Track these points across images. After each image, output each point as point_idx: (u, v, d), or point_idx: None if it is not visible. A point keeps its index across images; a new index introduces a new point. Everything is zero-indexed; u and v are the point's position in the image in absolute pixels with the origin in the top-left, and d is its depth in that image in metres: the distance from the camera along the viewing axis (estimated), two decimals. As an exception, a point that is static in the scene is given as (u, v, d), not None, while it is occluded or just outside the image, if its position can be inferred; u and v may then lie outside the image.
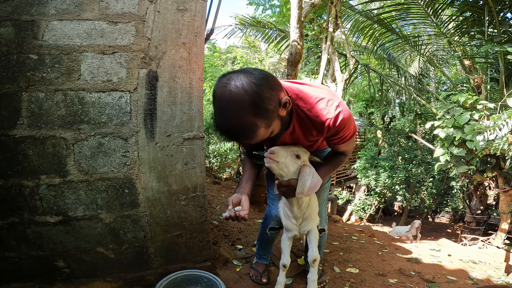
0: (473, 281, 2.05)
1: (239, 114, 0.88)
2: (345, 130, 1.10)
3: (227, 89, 0.88)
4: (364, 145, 7.32)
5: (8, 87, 1.21)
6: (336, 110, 1.05)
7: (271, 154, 1.18)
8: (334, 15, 4.00)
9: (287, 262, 1.49)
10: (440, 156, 3.31)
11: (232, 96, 0.87)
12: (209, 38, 2.18)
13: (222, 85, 0.89)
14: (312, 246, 1.45)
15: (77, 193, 1.32)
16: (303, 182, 1.19)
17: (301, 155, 1.24)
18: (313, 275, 1.47)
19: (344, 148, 1.23)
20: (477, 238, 4.10)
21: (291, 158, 1.21)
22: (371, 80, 5.69)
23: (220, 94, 0.89)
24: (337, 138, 1.13)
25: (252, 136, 0.93)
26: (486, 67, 4.84)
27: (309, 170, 1.22)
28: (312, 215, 1.42)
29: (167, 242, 1.48)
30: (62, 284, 1.40)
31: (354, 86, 8.88)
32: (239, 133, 0.91)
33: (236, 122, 0.88)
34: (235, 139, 0.95)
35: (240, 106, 0.87)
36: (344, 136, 1.13)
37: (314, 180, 1.20)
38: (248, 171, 1.31)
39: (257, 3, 7.12)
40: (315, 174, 1.22)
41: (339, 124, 1.06)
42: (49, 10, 1.24)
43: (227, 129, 0.90)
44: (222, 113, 0.89)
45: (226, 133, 0.92)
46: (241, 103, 0.87)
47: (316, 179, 1.21)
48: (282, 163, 1.19)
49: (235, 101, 0.87)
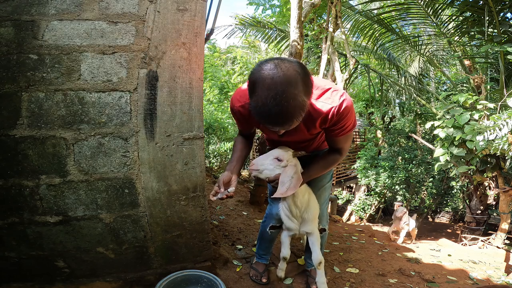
0: (473, 281, 2.05)
1: (296, 94, 0.88)
2: (347, 119, 1.13)
3: (279, 72, 0.87)
4: (364, 145, 7.32)
5: (8, 87, 1.21)
6: (341, 99, 1.09)
7: (252, 167, 1.27)
8: (334, 15, 3.99)
9: (287, 254, 1.54)
10: (440, 156, 3.31)
11: (288, 78, 0.87)
12: (209, 38, 2.18)
13: (271, 69, 0.88)
14: (315, 249, 1.46)
15: (77, 193, 1.32)
16: (282, 183, 1.23)
17: (282, 157, 1.26)
18: (321, 277, 1.49)
19: (342, 144, 1.26)
20: (477, 238, 4.09)
21: (271, 163, 1.26)
22: (371, 80, 5.69)
23: (272, 77, 0.87)
24: (338, 128, 1.15)
25: (301, 118, 0.94)
26: (486, 67, 4.84)
27: (290, 171, 1.25)
28: (311, 216, 1.43)
29: (167, 242, 1.48)
30: (62, 284, 1.40)
31: (354, 86, 8.87)
32: (294, 114, 0.90)
33: (294, 103, 0.88)
34: (287, 121, 0.92)
35: (296, 87, 0.88)
36: (346, 126, 1.16)
37: (293, 181, 1.23)
38: (239, 151, 1.35)
39: (257, 3, 7.11)
40: (296, 174, 1.25)
41: (343, 111, 1.09)
42: (49, 10, 1.24)
43: (282, 112, 0.88)
44: (277, 95, 0.86)
45: (280, 116, 0.89)
46: (296, 83, 0.88)
47: (296, 179, 1.24)
48: (264, 169, 1.25)
49: (291, 83, 0.87)
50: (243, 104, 1.22)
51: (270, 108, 0.88)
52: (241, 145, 1.38)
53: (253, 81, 0.92)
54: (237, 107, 1.25)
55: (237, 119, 1.31)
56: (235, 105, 1.25)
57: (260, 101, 0.89)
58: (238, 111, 1.25)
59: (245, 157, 1.36)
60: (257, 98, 0.90)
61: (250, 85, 0.94)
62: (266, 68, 0.90)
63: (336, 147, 1.28)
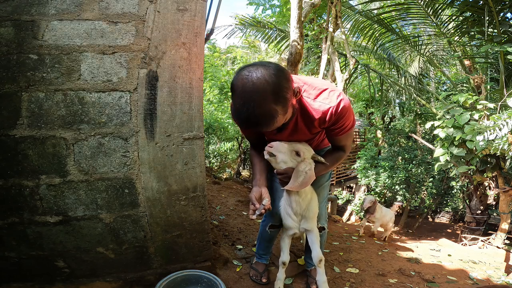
0: (473, 281, 2.05)
1: (262, 102, 0.93)
2: (346, 119, 1.16)
3: (249, 81, 0.93)
4: (364, 145, 7.32)
5: (8, 87, 1.21)
6: (338, 99, 1.12)
7: (270, 148, 1.23)
8: (334, 15, 3.99)
9: (286, 259, 1.52)
10: (440, 156, 3.31)
11: (255, 86, 0.93)
12: (209, 38, 2.18)
13: (244, 77, 0.94)
14: (314, 247, 1.45)
15: (77, 193, 1.32)
16: (296, 177, 1.22)
17: (302, 153, 1.25)
18: (322, 276, 1.46)
19: (343, 142, 1.28)
20: (477, 238, 4.09)
21: (290, 154, 1.24)
22: (371, 80, 5.69)
23: (243, 85, 0.94)
24: (337, 127, 1.18)
25: (272, 123, 0.99)
26: (486, 67, 4.83)
27: (304, 166, 1.24)
28: (311, 214, 1.43)
29: (167, 242, 1.48)
30: (62, 284, 1.40)
31: (354, 86, 8.87)
32: (261, 120, 0.96)
33: (260, 110, 0.93)
34: (257, 126, 0.98)
35: (263, 95, 0.93)
36: (345, 126, 1.18)
37: (307, 177, 1.23)
38: (259, 164, 1.36)
39: (257, 3, 7.12)
40: (310, 171, 1.24)
41: (340, 111, 1.12)
42: (49, 10, 1.24)
43: (250, 118, 0.95)
44: (245, 103, 0.93)
45: (249, 122, 0.96)
46: (264, 92, 0.93)
47: (309, 175, 1.24)
48: (281, 158, 1.23)
49: (258, 91, 0.92)
50: None
51: (240, 114, 0.96)
52: (257, 157, 1.38)
53: (231, 87, 0.99)
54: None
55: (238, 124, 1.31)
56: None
57: (234, 107, 0.99)
58: None
59: (266, 167, 1.35)
60: (233, 103, 1.00)
61: (231, 89, 1.00)
62: (240, 76, 0.96)
63: (339, 145, 1.31)
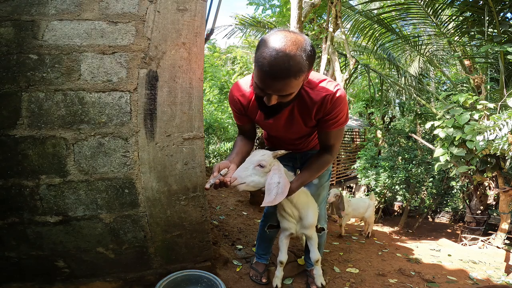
0: (473, 281, 2.05)
1: (298, 55, 0.91)
2: (340, 109, 1.16)
3: (290, 33, 0.94)
4: (364, 145, 7.31)
5: (8, 87, 1.21)
6: (335, 88, 1.14)
7: (234, 181, 1.13)
8: (334, 15, 3.99)
9: (283, 259, 1.55)
10: (440, 156, 3.31)
11: (296, 37, 0.93)
12: (209, 38, 2.18)
13: (281, 32, 0.94)
14: (313, 249, 1.53)
15: (77, 193, 1.32)
16: (269, 191, 1.13)
17: (264, 162, 1.17)
18: (318, 270, 1.60)
19: (333, 140, 1.26)
20: (477, 238, 4.09)
21: (254, 171, 1.15)
22: (371, 80, 5.68)
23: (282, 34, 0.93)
24: (332, 117, 1.17)
25: (294, 78, 0.94)
26: (486, 67, 4.83)
27: (274, 176, 1.15)
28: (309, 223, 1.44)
29: (167, 242, 1.48)
30: (62, 284, 1.39)
31: (354, 86, 8.88)
32: (291, 70, 0.92)
33: (294, 60, 0.91)
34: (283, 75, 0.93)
35: (300, 46, 0.92)
36: (339, 117, 1.18)
37: (281, 186, 1.13)
38: (239, 147, 1.34)
39: (257, 3, 7.11)
40: (283, 179, 1.16)
41: (337, 99, 1.13)
42: (49, 10, 1.24)
43: (280, 60, 0.90)
44: (280, 45, 0.90)
45: (277, 65, 0.91)
46: (302, 45, 0.93)
47: (283, 184, 1.15)
48: (252, 180, 1.15)
49: (297, 41, 0.92)
50: (244, 93, 1.24)
51: (272, 58, 0.90)
52: (242, 142, 1.37)
53: (262, 39, 0.96)
54: (237, 96, 1.26)
55: (236, 110, 1.31)
56: (235, 94, 1.26)
57: (265, 52, 0.92)
58: (238, 100, 1.26)
59: (246, 153, 1.31)
60: (262, 49, 0.93)
61: (258, 44, 0.97)
62: (277, 31, 0.95)
63: (328, 144, 1.27)
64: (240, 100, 1.26)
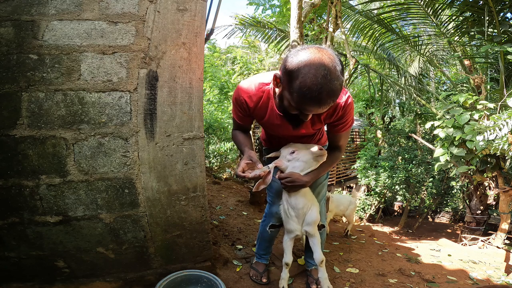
0: (473, 281, 2.05)
1: (339, 75, 0.95)
2: (349, 115, 1.25)
3: (325, 55, 0.94)
4: (364, 145, 7.31)
5: (8, 87, 1.21)
6: (346, 95, 1.20)
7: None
8: (334, 15, 3.99)
9: (289, 260, 1.52)
10: (440, 156, 3.30)
11: (332, 59, 0.94)
12: (209, 38, 2.18)
13: (315, 53, 0.94)
14: (316, 249, 1.48)
15: (77, 193, 1.32)
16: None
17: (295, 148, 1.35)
18: (323, 273, 1.51)
19: (342, 141, 1.38)
20: (477, 238, 4.09)
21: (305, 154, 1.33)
22: (371, 80, 5.68)
23: (320, 58, 0.93)
24: (342, 122, 1.26)
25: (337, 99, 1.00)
26: (486, 67, 4.83)
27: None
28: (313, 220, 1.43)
29: (167, 242, 1.48)
30: (62, 284, 1.40)
31: (354, 86, 8.87)
32: (338, 92, 0.96)
33: (339, 82, 0.94)
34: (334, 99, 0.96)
35: (339, 69, 0.95)
36: (348, 121, 1.28)
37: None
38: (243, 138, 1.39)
39: (257, 3, 7.12)
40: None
41: (347, 106, 1.21)
42: (49, 10, 1.24)
43: (332, 89, 0.93)
44: (327, 75, 0.91)
45: (331, 94, 0.94)
46: (338, 65, 0.95)
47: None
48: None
49: (335, 62, 0.95)
50: (250, 95, 1.24)
51: (322, 86, 0.91)
52: (243, 134, 1.42)
53: (296, 66, 0.94)
54: (244, 97, 1.26)
55: (241, 110, 1.31)
56: (242, 96, 1.26)
57: (310, 81, 0.91)
58: (244, 101, 1.26)
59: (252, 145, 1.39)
60: (304, 79, 0.92)
61: (290, 71, 0.96)
62: (308, 52, 0.95)
63: (337, 144, 1.39)
64: (247, 101, 1.26)
